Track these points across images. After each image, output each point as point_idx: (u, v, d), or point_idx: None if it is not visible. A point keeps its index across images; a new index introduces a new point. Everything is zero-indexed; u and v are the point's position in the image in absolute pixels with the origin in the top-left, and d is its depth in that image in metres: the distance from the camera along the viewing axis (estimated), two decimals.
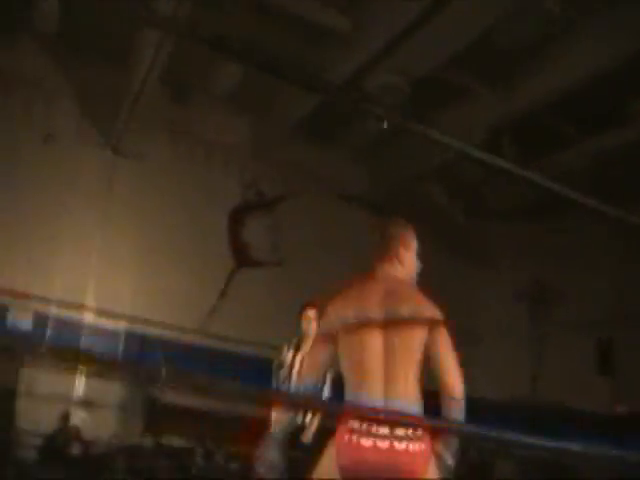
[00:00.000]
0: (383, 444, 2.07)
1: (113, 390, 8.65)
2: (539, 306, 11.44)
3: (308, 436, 4.26)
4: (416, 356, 2.27)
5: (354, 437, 2.09)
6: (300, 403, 1.91)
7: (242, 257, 10.34)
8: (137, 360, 8.48)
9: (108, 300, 7.97)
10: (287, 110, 9.55)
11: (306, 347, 4.38)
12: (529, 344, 11.16)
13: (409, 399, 2.17)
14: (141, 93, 8.26)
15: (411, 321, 2.29)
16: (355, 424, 2.09)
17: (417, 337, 2.28)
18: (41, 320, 8.45)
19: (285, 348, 4.50)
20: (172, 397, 8.04)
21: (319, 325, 2.63)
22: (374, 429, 2.07)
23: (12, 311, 8.47)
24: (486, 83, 8.70)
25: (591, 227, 10.73)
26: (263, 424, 4.38)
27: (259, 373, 4.53)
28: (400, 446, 2.07)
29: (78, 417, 8.41)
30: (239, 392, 1.33)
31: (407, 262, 2.51)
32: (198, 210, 9.69)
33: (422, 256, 2.69)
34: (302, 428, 4.30)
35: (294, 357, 4.43)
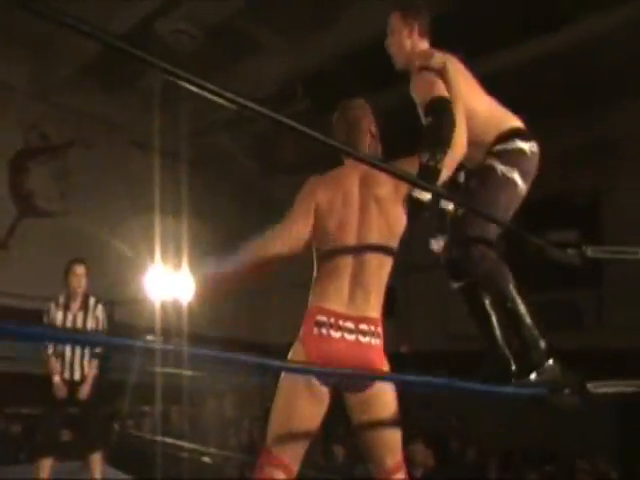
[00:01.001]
0: (350, 337, 2.20)
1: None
2: None
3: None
4: (396, 237, 2.37)
5: (323, 330, 2.20)
6: None
7: (25, 205, 9.77)
8: None
9: None
10: (72, 53, 8.93)
11: (75, 305, 4.28)
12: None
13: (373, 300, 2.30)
14: None
15: (391, 200, 2.32)
16: (323, 317, 2.20)
17: (399, 216, 2.32)
18: None
19: (52, 306, 4.33)
20: None
21: (300, 199, 2.42)
22: (341, 322, 2.20)
23: None
24: (279, 35, 8.73)
25: None
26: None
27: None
28: (364, 340, 2.22)
29: None
30: None
31: (376, 143, 2.50)
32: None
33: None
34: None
35: (65, 315, 4.33)
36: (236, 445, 7.37)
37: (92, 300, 4.42)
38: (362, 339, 2.23)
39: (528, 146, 2.41)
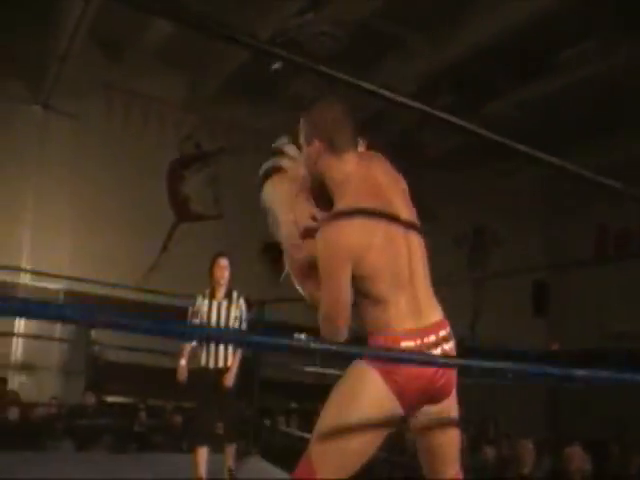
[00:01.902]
0: (437, 351, 1.92)
1: (53, 351, 8.62)
2: (478, 252, 11.73)
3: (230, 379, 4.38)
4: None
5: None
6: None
7: (182, 211, 10.36)
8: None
9: (45, 262, 7.87)
10: (221, 64, 9.39)
11: (219, 294, 4.48)
12: (468, 289, 11.47)
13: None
14: (70, 50, 7.98)
15: (408, 203, 2.08)
16: (409, 344, 1.88)
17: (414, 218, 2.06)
18: None
19: (200, 297, 4.55)
20: (114, 355, 8.03)
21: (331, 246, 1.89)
22: (425, 340, 1.91)
23: None
24: (419, 32, 8.67)
25: (527, 173, 11.01)
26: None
27: None
28: (447, 346, 1.96)
29: (16, 381, 8.38)
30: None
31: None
32: (135, 167, 9.58)
33: None
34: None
35: (210, 303, 4.52)
36: (385, 444, 7.37)
37: (235, 293, 4.59)
38: (446, 347, 1.95)
39: None
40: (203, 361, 4.42)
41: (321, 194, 2.08)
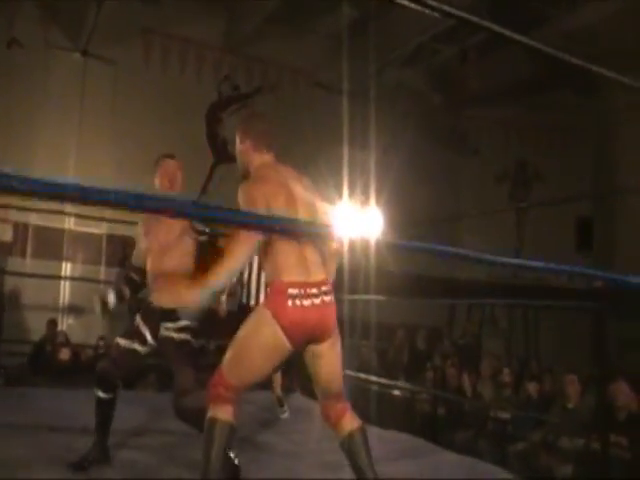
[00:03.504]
0: (317, 300, 2.51)
1: (98, 293, 8.82)
2: (520, 186, 11.53)
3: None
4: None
5: (296, 301, 2.46)
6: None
7: (221, 153, 10.36)
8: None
9: (89, 207, 7.97)
10: (257, 2, 9.21)
11: None
12: (510, 224, 11.32)
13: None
14: None
15: (306, 196, 2.66)
16: (294, 290, 2.47)
17: (312, 206, 2.67)
18: (21, 230, 8.53)
19: None
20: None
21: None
22: (308, 290, 2.49)
23: None
24: None
25: (570, 104, 10.68)
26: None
27: None
28: (327, 298, 2.55)
29: (65, 323, 8.63)
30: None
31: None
32: (174, 110, 9.56)
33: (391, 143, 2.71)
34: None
35: None
36: (427, 380, 7.44)
37: None
38: (326, 298, 2.54)
39: None
40: (244, 299, 4.44)
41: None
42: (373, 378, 6.23)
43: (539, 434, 5.53)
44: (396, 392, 6.97)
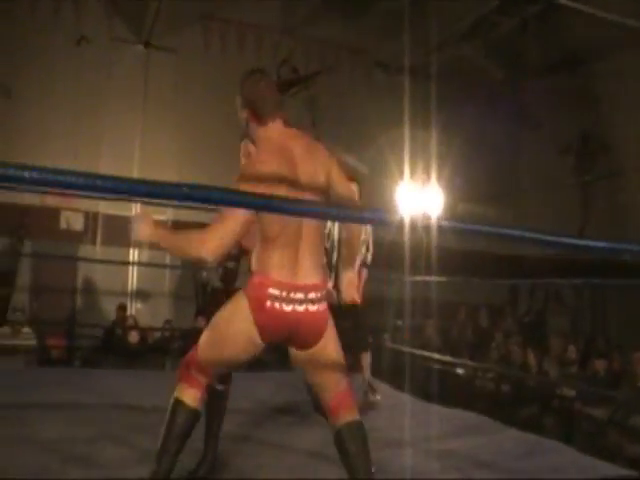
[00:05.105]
0: (300, 307, 2.30)
1: (165, 279, 9.09)
2: (584, 157, 11.22)
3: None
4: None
5: (276, 304, 2.28)
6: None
7: None
8: None
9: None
10: None
11: None
12: (575, 199, 11.05)
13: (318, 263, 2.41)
14: None
15: (317, 172, 2.38)
16: (275, 291, 2.28)
17: (323, 185, 2.38)
18: (92, 219, 8.86)
19: None
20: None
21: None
22: (292, 294, 2.29)
23: (63, 212, 8.86)
24: None
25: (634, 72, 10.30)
26: None
27: None
28: (313, 308, 2.33)
29: (133, 307, 8.93)
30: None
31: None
32: (234, 91, 9.66)
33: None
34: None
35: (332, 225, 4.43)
36: (490, 358, 7.41)
37: None
38: (311, 308, 2.32)
39: None
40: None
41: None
42: (436, 356, 6.23)
43: (607, 412, 5.45)
44: (459, 371, 6.97)
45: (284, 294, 2.28)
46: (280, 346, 2.45)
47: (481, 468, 3.14)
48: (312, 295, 2.32)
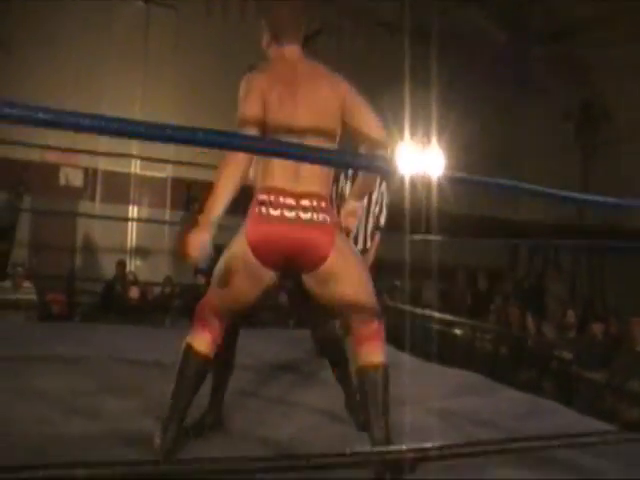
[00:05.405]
0: (290, 214, 2.17)
1: (164, 236, 9.08)
2: (587, 124, 11.14)
3: None
4: (333, 132, 2.30)
5: (263, 209, 2.18)
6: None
7: None
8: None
9: (152, 152, 8.12)
10: None
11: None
12: (577, 163, 11.01)
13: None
14: None
15: (324, 97, 2.28)
16: (264, 196, 2.19)
17: (330, 111, 2.28)
18: (91, 175, 8.81)
19: (342, 177, 3.98)
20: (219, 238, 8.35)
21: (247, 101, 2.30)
22: (282, 199, 2.17)
23: (63, 169, 8.81)
24: None
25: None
26: None
27: None
28: (305, 216, 2.17)
29: (133, 264, 8.93)
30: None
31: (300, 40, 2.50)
32: (235, 57, 9.49)
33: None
34: None
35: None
36: (488, 320, 7.45)
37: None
38: (303, 215, 2.17)
39: None
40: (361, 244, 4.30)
41: None
42: (436, 315, 6.24)
43: (605, 376, 5.50)
44: (458, 331, 7.00)
45: (272, 198, 2.17)
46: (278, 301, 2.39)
47: (480, 427, 3.16)
48: (305, 202, 2.19)
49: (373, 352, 2.29)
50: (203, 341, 2.33)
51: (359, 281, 2.31)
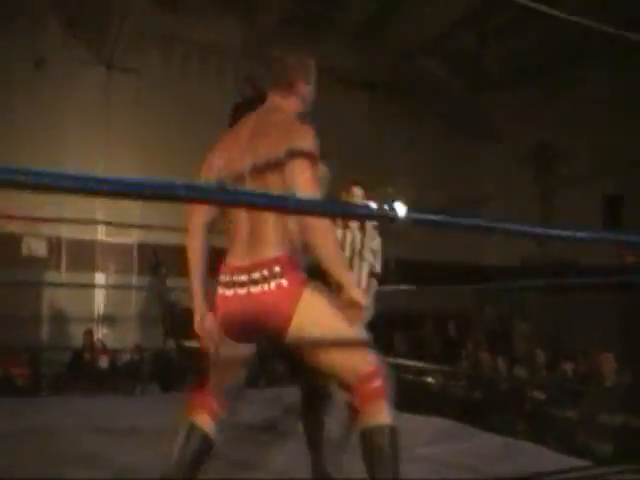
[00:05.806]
0: (242, 290, 2.11)
1: (132, 302, 9.00)
2: (544, 167, 11.47)
3: None
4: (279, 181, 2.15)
5: (220, 290, 2.18)
6: None
7: None
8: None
9: (118, 216, 8.10)
10: (274, 7, 9.35)
11: (354, 225, 4.10)
12: (535, 205, 11.29)
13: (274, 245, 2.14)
14: (129, 7, 8.09)
15: (271, 162, 2.13)
16: (222, 276, 2.18)
17: (279, 177, 2.12)
18: (55, 244, 8.75)
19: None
20: (188, 302, 8.30)
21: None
22: (235, 277, 2.13)
23: (26, 239, 8.71)
24: None
25: (593, 82, 10.59)
26: None
27: None
28: (255, 289, 2.09)
29: (100, 332, 8.81)
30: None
31: (302, 92, 2.47)
32: (198, 115, 9.64)
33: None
34: None
35: (344, 233, 4.12)
36: (460, 367, 7.49)
37: (370, 225, 4.15)
38: (253, 289, 2.09)
39: None
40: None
41: None
42: (410, 363, 6.23)
43: (577, 413, 5.55)
44: (429, 380, 7.01)
45: (227, 278, 2.16)
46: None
47: (462, 472, 3.18)
48: (256, 274, 2.09)
49: (376, 413, 2.06)
50: (202, 418, 2.28)
51: (340, 336, 2.11)
